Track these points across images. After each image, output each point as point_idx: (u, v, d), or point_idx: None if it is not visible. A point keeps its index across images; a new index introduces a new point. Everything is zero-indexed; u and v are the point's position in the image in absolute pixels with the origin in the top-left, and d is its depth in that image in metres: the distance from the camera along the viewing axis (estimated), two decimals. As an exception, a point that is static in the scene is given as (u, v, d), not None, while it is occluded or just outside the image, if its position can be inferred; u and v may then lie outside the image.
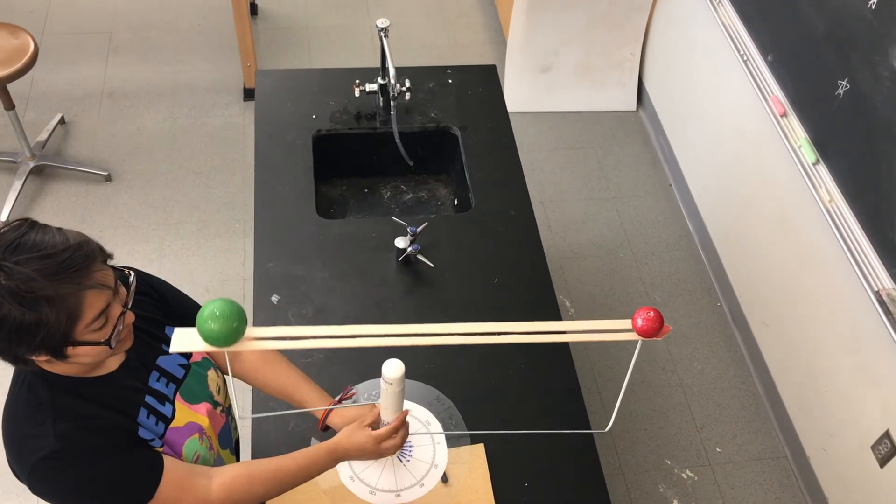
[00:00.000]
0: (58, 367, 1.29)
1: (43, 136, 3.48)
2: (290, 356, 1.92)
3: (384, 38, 2.30)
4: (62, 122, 3.62)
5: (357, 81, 2.46)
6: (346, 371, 1.92)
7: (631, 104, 3.95)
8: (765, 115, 2.75)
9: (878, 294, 2.19)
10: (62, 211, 3.31)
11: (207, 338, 1.11)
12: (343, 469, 1.69)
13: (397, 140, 2.40)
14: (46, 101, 3.73)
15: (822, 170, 2.45)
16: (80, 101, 3.75)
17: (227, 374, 1.67)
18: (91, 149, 3.56)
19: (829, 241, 2.48)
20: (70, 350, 1.24)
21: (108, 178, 3.43)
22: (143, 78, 3.89)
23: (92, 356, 1.28)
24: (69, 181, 3.43)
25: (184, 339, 1.14)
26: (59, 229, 1.23)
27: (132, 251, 3.21)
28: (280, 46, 4.11)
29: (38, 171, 3.42)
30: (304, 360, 1.92)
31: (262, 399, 1.85)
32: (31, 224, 1.22)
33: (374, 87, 2.46)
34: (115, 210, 3.34)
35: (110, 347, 1.27)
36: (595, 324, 1.21)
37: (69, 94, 3.78)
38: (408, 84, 2.44)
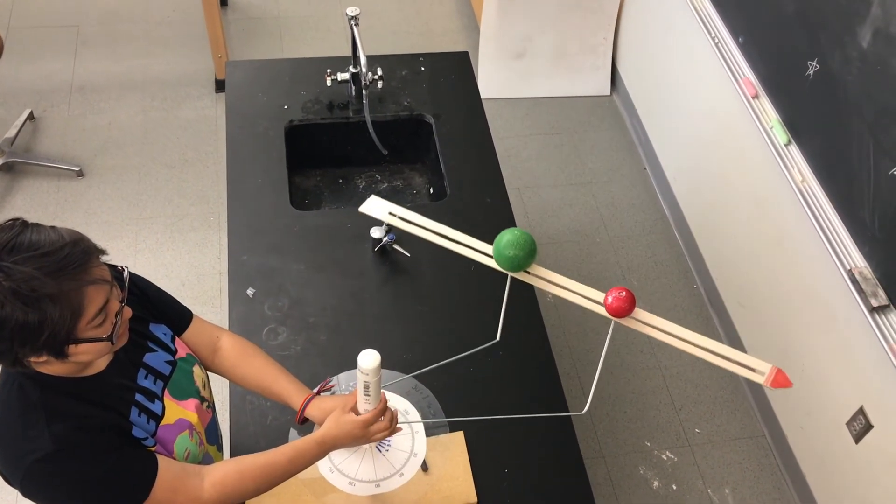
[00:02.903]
0: (51, 368, 1.28)
1: (11, 132, 3.43)
2: (268, 350, 1.91)
3: (354, 27, 2.29)
4: (31, 117, 3.57)
5: (329, 71, 2.44)
6: (323, 363, 1.91)
7: (605, 89, 3.96)
8: (737, 97, 2.76)
9: (850, 273, 2.21)
10: (34, 208, 3.27)
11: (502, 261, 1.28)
12: (322, 461, 1.69)
13: (370, 129, 2.38)
14: (14, 97, 3.67)
15: (795, 150, 2.47)
16: (48, 96, 3.70)
17: (209, 370, 1.67)
18: (61, 144, 3.51)
19: (803, 222, 2.50)
20: (72, 349, 1.23)
21: (80, 174, 3.39)
22: (112, 71, 3.84)
23: (92, 354, 1.27)
24: (40, 178, 3.38)
25: (373, 206, 1.36)
26: (53, 227, 1.22)
27: (106, 247, 3.12)
28: (251, 37, 4.07)
29: (7, 169, 3.37)
30: (281, 353, 1.91)
31: (240, 393, 1.84)
32: (24, 223, 1.21)
33: (346, 76, 2.44)
34: (87, 206, 3.30)
35: (112, 343, 1.27)
36: (576, 286, 1.34)
37: (37, 88, 3.72)
38: (380, 72, 2.42)
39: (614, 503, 2.67)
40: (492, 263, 1.33)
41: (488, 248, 1.34)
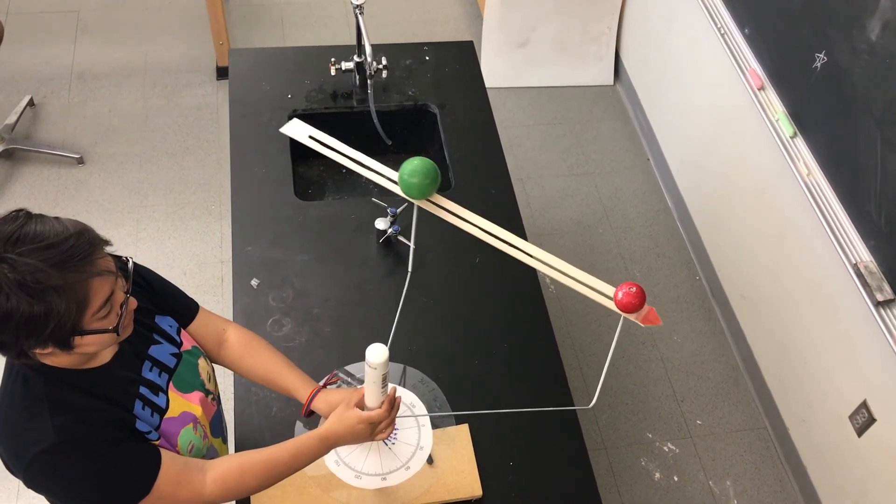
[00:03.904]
0: (56, 360, 1.27)
1: (11, 118, 3.40)
2: (273, 342, 1.90)
3: (359, 15, 2.27)
4: (31, 104, 3.54)
5: (333, 60, 2.42)
6: (327, 354, 1.91)
7: (608, 79, 3.94)
8: (742, 89, 2.75)
9: (855, 266, 2.20)
10: (34, 196, 3.25)
11: (408, 190, 1.34)
12: (329, 454, 1.68)
13: (375, 119, 2.37)
14: (14, 83, 3.65)
15: (800, 143, 2.45)
16: (49, 83, 3.67)
17: (215, 363, 1.66)
18: (62, 131, 3.49)
19: (807, 215, 2.49)
20: (77, 340, 1.22)
21: (81, 161, 3.37)
22: (113, 57, 3.82)
23: (97, 345, 1.27)
24: (40, 165, 3.36)
25: (294, 128, 1.43)
26: (57, 218, 1.22)
27: (107, 235, 3.14)
28: (252, 24, 4.04)
29: (7, 155, 3.35)
30: (286, 345, 1.91)
31: (245, 385, 1.83)
32: (28, 214, 1.20)
33: (350, 65, 2.43)
34: (88, 193, 3.29)
35: (117, 334, 1.26)
36: (586, 277, 1.33)
37: (37, 75, 3.70)
38: (384, 62, 2.41)
39: (616, 494, 2.68)
40: (397, 190, 1.40)
41: (394, 175, 1.42)
